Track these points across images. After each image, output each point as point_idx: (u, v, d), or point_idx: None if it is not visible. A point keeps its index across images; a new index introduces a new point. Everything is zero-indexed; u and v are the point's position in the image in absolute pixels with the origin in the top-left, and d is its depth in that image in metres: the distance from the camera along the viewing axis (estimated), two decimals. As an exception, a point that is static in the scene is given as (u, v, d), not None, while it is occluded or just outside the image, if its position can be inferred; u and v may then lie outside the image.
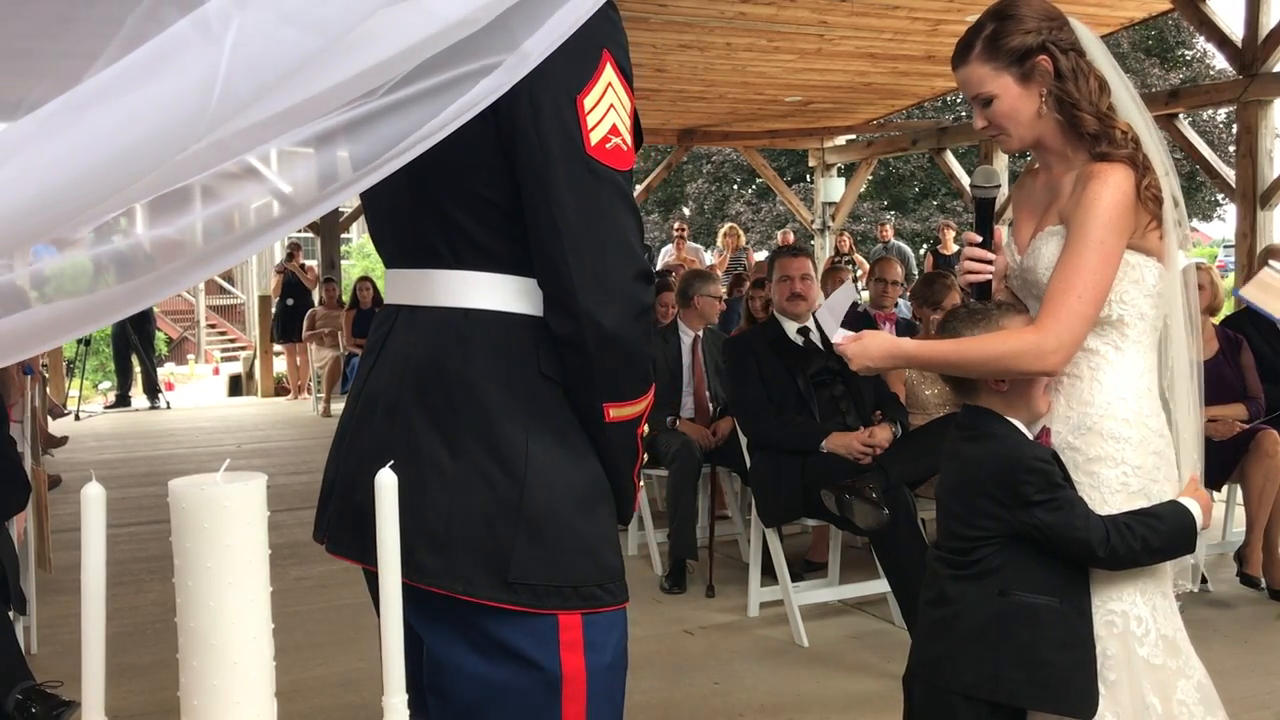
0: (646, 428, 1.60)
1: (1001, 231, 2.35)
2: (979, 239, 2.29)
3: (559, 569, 1.49)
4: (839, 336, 2.25)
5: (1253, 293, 2.42)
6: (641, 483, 1.63)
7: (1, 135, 0.93)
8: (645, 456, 1.64)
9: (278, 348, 13.72)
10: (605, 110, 1.43)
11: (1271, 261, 2.86)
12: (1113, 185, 2.05)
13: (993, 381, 2.12)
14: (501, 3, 1.12)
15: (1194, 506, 2.10)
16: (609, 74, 1.44)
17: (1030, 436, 2.13)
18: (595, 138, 1.42)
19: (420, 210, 1.54)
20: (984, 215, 2.32)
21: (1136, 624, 2.09)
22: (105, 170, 0.96)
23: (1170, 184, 2.14)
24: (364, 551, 1.51)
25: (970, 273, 2.28)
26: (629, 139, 1.46)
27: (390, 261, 1.64)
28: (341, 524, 1.61)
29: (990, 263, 2.27)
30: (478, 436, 1.48)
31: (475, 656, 1.50)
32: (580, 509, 1.51)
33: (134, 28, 0.96)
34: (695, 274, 6.09)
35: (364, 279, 11.94)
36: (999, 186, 2.35)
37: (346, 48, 1.03)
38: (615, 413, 1.52)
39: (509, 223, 1.48)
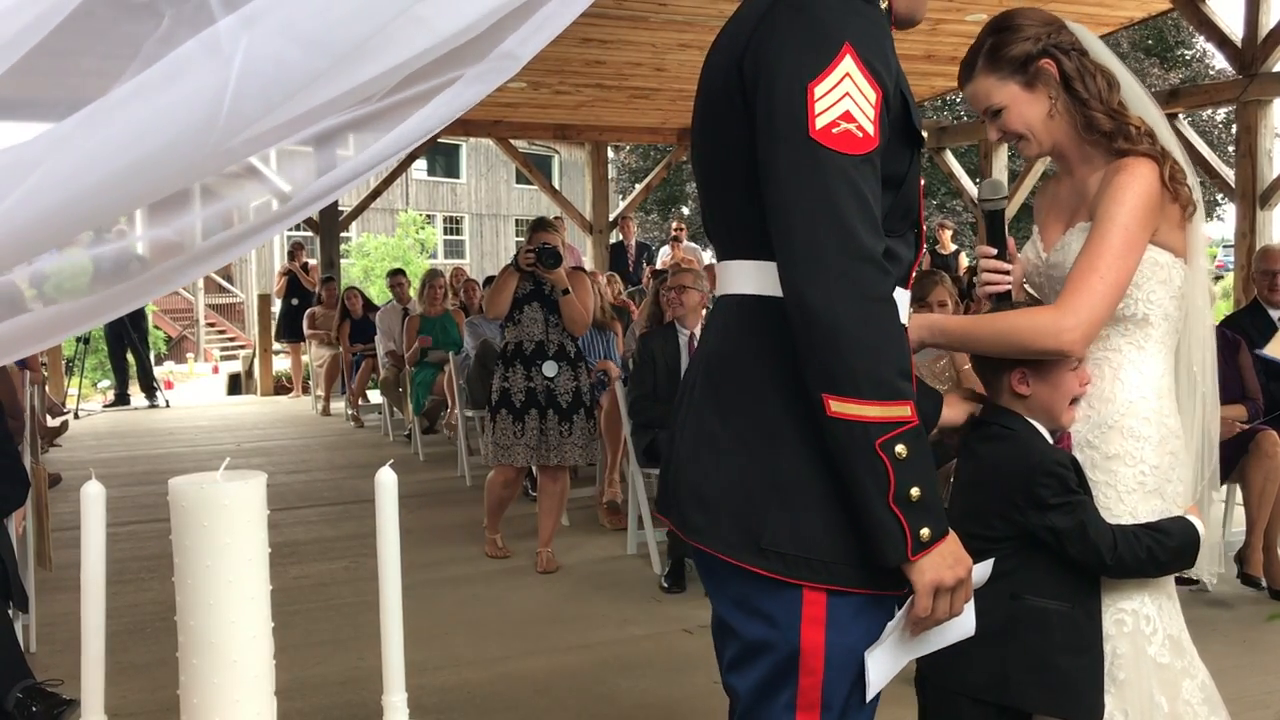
0: (904, 449, 1.47)
1: (1013, 241, 2.35)
2: (994, 251, 2.28)
3: (807, 541, 1.54)
4: None
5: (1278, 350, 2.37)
6: (904, 513, 1.48)
7: (24, 149, 0.95)
8: (918, 492, 1.47)
9: (279, 346, 13.70)
10: (839, 98, 1.48)
11: None
12: (1139, 176, 2.06)
13: (1015, 383, 2.11)
14: (495, 14, 1.12)
15: (1200, 524, 2.11)
16: (847, 64, 1.48)
17: (1050, 439, 2.13)
18: (821, 122, 1.47)
19: (710, 204, 1.71)
20: (995, 227, 2.31)
21: (1145, 623, 2.09)
22: (118, 183, 0.98)
23: (1191, 178, 2.15)
24: (667, 511, 1.74)
25: (989, 284, 2.28)
26: (869, 127, 1.49)
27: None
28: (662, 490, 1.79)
29: (1007, 273, 2.27)
30: (744, 410, 1.59)
31: (736, 612, 1.62)
32: (836, 487, 1.52)
33: (149, 52, 0.97)
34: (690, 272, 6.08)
35: (351, 289, 11.71)
36: (1006, 198, 2.35)
37: (347, 63, 1.05)
38: (837, 407, 1.46)
39: None
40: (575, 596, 5.10)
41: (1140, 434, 2.11)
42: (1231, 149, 9.87)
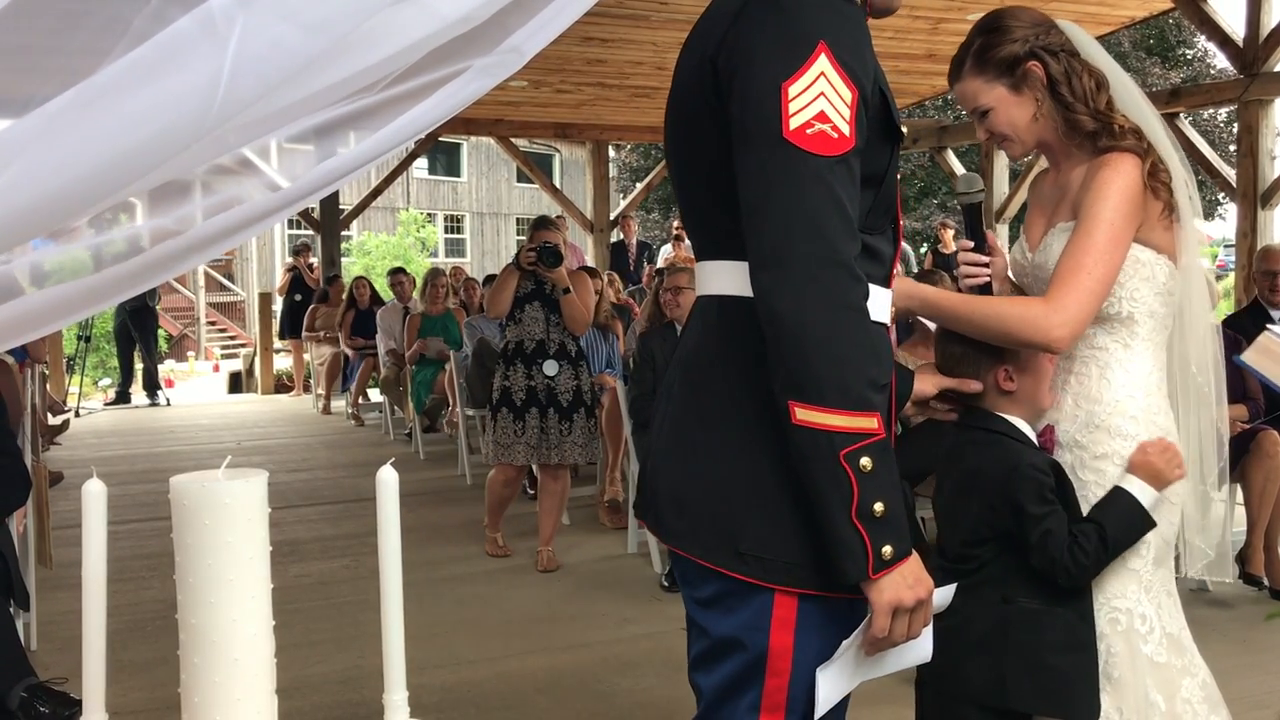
0: (869, 461, 1.43)
1: (992, 234, 2.35)
2: (971, 244, 2.29)
3: (786, 545, 1.52)
4: None
5: (1254, 358, 2.29)
6: (867, 529, 1.45)
7: (9, 132, 0.93)
8: (882, 507, 1.44)
9: (280, 344, 13.66)
10: (813, 98, 1.44)
11: (1270, 326, 2.80)
12: (1122, 172, 2.06)
13: (1001, 380, 2.11)
14: (498, 0, 1.12)
15: (1133, 484, 2.05)
16: (822, 64, 1.45)
17: (1034, 437, 2.13)
18: (795, 123, 1.43)
19: (685, 205, 1.69)
20: (973, 220, 2.32)
21: (1140, 621, 2.09)
22: (110, 167, 0.96)
23: (1185, 177, 2.15)
24: (644, 513, 1.75)
25: (969, 277, 2.29)
26: (845, 127, 1.46)
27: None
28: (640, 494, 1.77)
29: (986, 265, 2.28)
30: (722, 413, 1.57)
31: (708, 612, 1.60)
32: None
33: (141, 28, 0.95)
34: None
35: (360, 279, 11.80)
36: (983, 191, 2.37)
37: (348, 47, 1.03)
38: (802, 415, 1.43)
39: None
40: (575, 595, 5.10)
41: (1127, 433, 2.10)
42: (1233, 149, 9.86)
